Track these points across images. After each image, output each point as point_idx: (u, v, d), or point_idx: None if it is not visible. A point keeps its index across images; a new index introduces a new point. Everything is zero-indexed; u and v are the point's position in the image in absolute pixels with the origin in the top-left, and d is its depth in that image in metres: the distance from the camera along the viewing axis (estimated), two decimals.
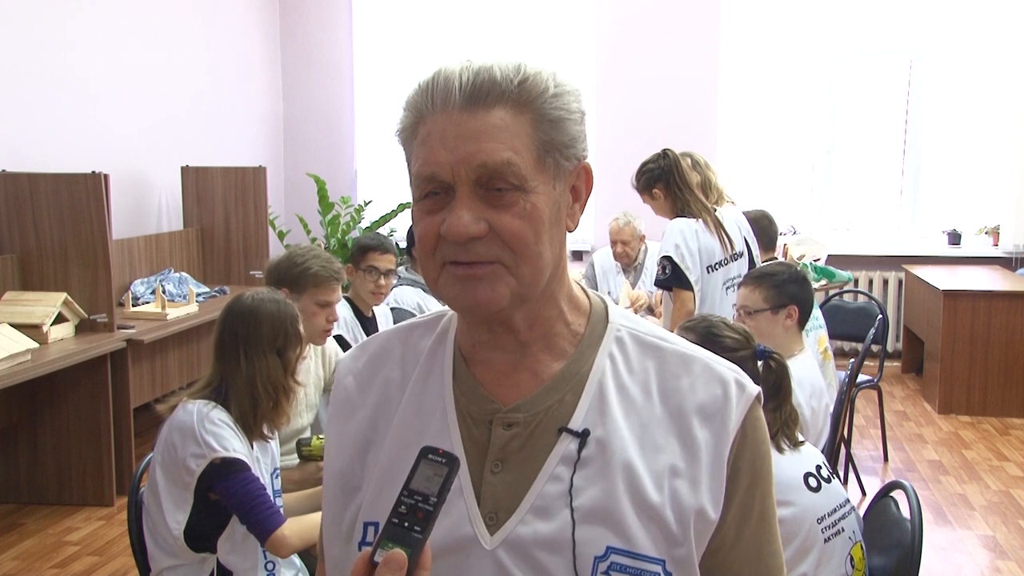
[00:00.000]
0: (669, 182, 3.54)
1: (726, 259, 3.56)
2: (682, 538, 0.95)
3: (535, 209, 0.93)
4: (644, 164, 3.59)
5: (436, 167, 0.93)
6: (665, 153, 3.56)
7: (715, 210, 3.59)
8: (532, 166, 0.93)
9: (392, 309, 3.71)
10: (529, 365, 1.01)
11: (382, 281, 3.45)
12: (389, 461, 1.02)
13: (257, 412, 2.20)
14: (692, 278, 3.46)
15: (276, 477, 2.30)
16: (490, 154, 0.91)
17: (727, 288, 3.56)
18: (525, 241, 0.93)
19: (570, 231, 1.00)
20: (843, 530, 2.08)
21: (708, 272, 3.52)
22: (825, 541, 2.04)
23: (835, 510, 2.08)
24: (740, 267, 3.62)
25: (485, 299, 0.94)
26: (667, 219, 3.61)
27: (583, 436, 0.97)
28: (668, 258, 3.46)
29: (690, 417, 0.99)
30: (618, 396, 1.00)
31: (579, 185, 1.00)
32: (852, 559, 2.08)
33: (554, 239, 0.96)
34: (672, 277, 3.47)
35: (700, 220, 3.51)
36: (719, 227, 3.54)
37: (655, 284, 3.65)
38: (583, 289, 1.07)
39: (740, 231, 3.75)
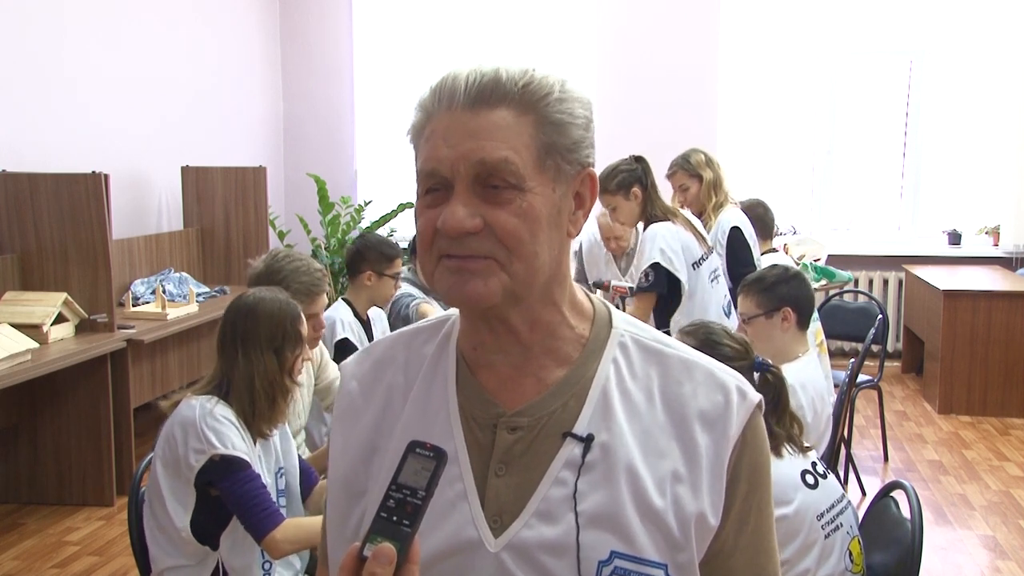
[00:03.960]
0: (646, 185, 3.64)
1: (705, 254, 3.67)
2: (684, 543, 0.96)
3: (531, 208, 0.94)
4: (618, 166, 3.67)
5: (437, 163, 0.94)
6: (639, 158, 3.67)
7: (680, 211, 3.74)
8: (532, 166, 0.94)
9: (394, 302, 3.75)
10: (533, 370, 1.01)
11: (399, 284, 3.57)
12: (394, 466, 1.02)
13: (255, 409, 2.20)
14: (683, 278, 3.56)
15: (280, 476, 2.30)
16: (489, 152, 0.92)
17: (712, 281, 3.68)
18: (519, 238, 0.93)
19: (571, 237, 1.01)
20: (841, 525, 2.09)
21: (694, 268, 3.62)
22: (825, 537, 2.05)
23: (833, 505, 2.09)
24: (716, 260, 3.75)
25: (477, 292, 0.95)
26: (626, 223, 3.72)
27: (587, 441, 0.98)
28: (657, 265, 3.53)
29: (692, 423, 0.99)
30: (621, 401, 1.00)
31: (583, 192, 1.01)
32: (851, 554, 2.09)
33: (552, 241, 0.97)
34: (655, 283, 3.53)
35: (675, 222, 3.61)
36: (690, 226, 3.67)
37: (637, 290, 3.69)
38: (586, 294, 1.07)
39: (738, 228, 3.96)
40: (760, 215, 4.50)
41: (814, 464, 2.13)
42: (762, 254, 4.41)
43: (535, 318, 1.00)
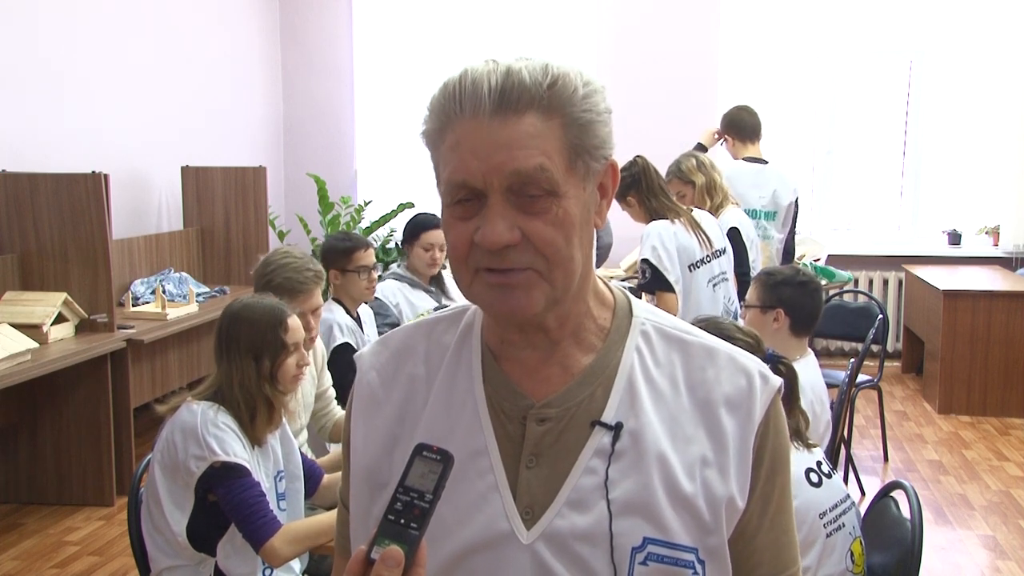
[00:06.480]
0: (640, 189, 3.61)
1: (707, 256, 3.60)
2: (714, 526, 0.98)
3: (567, 215, 0.94)
4: None
5: (467, 175, 0.93)
6: (635, 161, 3.63)
7: (691, 210, 3.66)
8: (564, 170, 0.93)
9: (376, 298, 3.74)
10: (559, 359, 1.02)
11: (373, 275, 3.48)
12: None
13: (240, 417, 2.19)
14: (671, 279, 3.50)
15: (280, 480, 2.30)
16: (522, 161, 0.91)
17: (713, 285, 3.62)
18: (557, 247, 0.94)
19: (597, 228, 1.01)
20: (844, 525, 2.09)
21: (691, 271, 3.56)
22: (827, 536, 2.05)
23: (836, 505, 2.09)
24: (722, 264, 3.67)
25: (521, 306, 0.95)
26: (643, 224, 3.67)
27: (616, 429, 0.99)
28: (646, 261, 3.50)
29: (717, 408, 1.01)
30: (647, 389, 1.01)
31: (606, 182, 1.01)
32: (852, 554, 2.09)
33: (584, 240, 0.97)
34: (653, 280, 3.51)
35: (676, 221, 3.56)
36: (696, 227, 3.60)
37: (637, 289, 3.67)
38: (606, 284, 1.08)
39: (737, 228, 3.86)
40: (744, 119, 4.71)
41: (819, 463, 2.13)
42: (745, 159, 4.64)
43: (566, 314, 1.01)
